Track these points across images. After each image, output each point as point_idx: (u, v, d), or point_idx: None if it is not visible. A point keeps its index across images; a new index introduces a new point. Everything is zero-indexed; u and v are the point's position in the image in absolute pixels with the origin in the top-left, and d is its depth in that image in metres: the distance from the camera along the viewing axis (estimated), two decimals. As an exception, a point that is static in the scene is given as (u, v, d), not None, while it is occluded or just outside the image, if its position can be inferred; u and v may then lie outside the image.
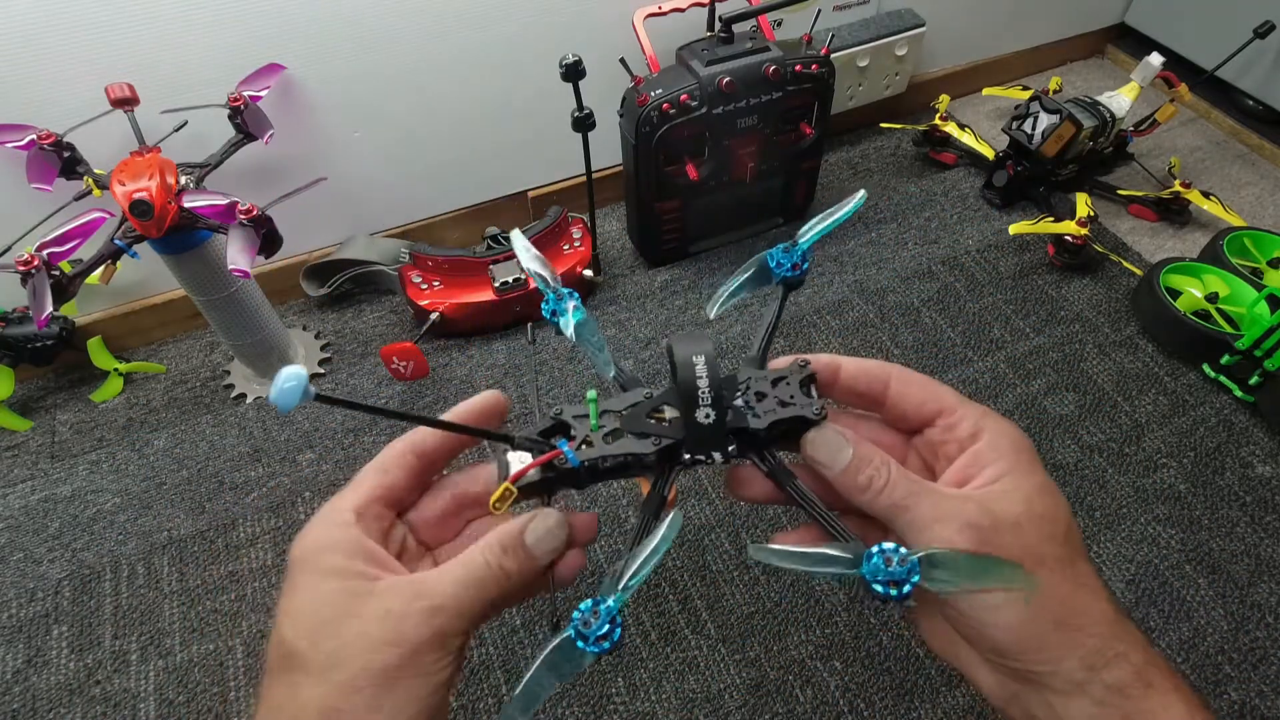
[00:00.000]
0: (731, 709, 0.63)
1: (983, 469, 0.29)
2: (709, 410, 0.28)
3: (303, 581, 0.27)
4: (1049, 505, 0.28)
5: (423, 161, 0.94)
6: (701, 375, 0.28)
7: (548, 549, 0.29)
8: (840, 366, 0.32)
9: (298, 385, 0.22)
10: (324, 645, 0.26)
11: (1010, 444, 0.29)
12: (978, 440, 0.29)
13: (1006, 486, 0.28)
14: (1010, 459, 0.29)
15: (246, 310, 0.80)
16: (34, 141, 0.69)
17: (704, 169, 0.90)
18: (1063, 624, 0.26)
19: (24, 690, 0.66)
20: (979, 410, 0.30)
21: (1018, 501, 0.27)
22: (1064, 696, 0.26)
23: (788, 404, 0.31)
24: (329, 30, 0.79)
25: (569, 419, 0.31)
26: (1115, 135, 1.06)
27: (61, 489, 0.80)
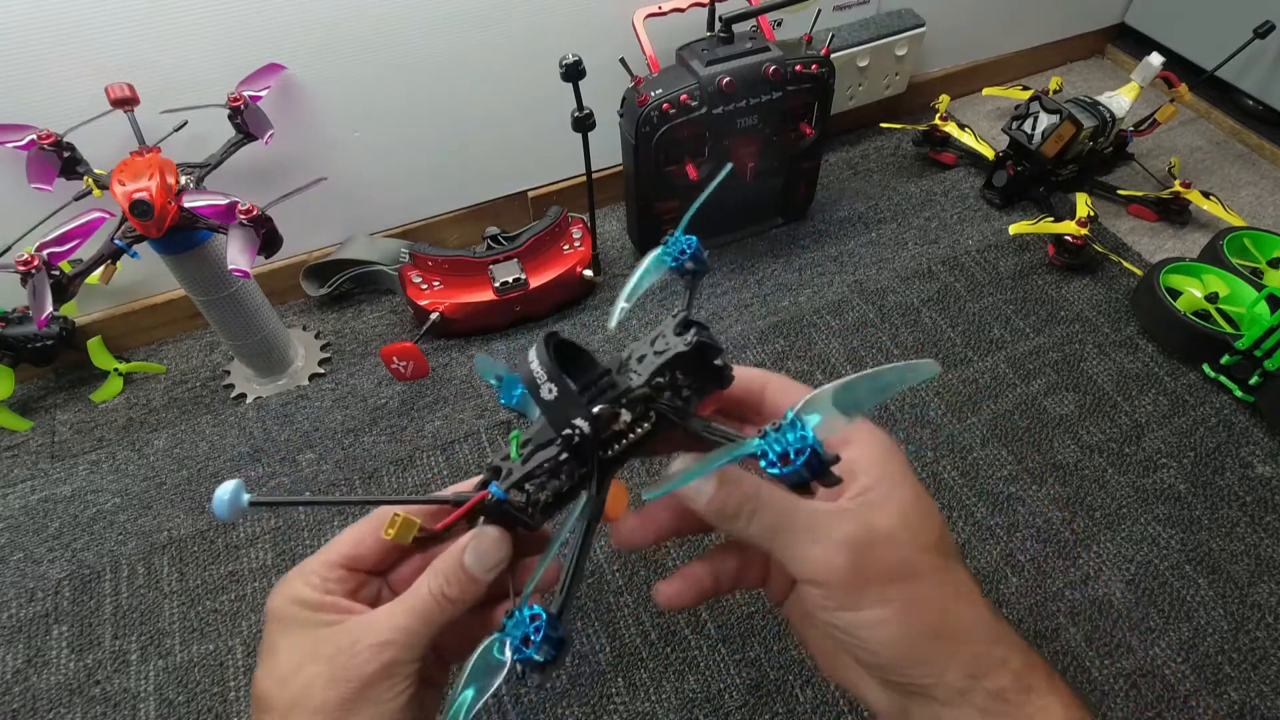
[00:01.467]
0: (731, 709, 0.63)
1: (854, 479, 0.28)
2: (550, 386, 0.28)
3: (274, 633, 0.30)
4: (921, 515, 0.28)
5: (423, 161, 0.94)
6: (533, 360, 0.28)
7: (488, 568, 0.30)
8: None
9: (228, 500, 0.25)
10: (288, 688, 0.28)
11: (880, 452, 0.29)
12: (847, 447, 0.29)
13: (878, 497, 0.28)
14: (880, 468, 0.29)
15: (246, 310, 0.80)
16: (34, 141, 0.69)
17: (704, 169, 0.90)
18: (942, 635, 0.27)
19: (24, 690, 0.66)
20: None
21: (892, 513, 0.27)
22: (949, 707, 0.27)
23: (660, 355, 0.30)
24: (329, 30, 0.79)
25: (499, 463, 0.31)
26: (1115, 135, 1.06)
27: (61, 489, 0.80)
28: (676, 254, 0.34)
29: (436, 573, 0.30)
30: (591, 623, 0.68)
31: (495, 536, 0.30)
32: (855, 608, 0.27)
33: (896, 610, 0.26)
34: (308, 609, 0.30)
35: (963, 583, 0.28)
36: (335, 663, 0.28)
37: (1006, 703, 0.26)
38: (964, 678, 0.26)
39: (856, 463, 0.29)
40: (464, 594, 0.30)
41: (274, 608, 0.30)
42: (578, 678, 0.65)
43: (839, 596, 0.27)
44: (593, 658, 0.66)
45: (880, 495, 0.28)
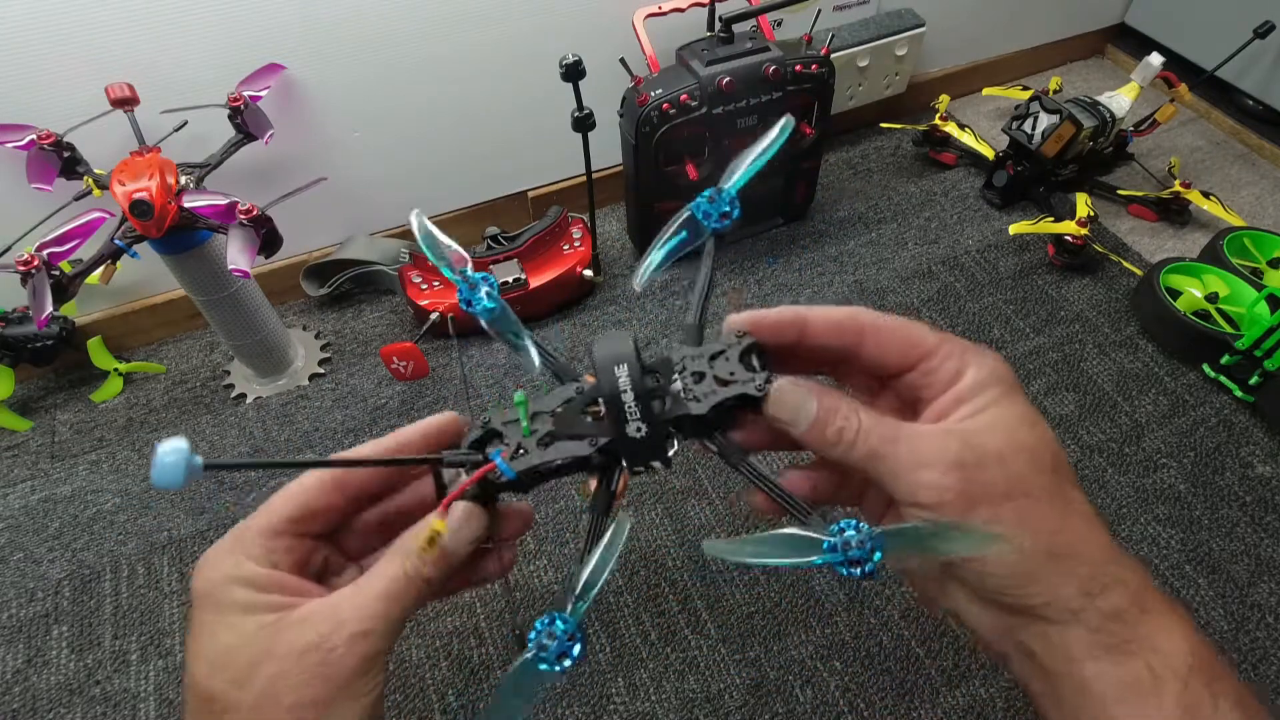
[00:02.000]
0: (731, 709, 0.63)
1: (964, 403, 0.28)
2: (639, 425, 0.26)
3: (213, 620, 0.26)
4: (1033, 435, 0.27)
5: (423, 161, 0.94)
6: (625, 388, 0.26)
7: (464, 543, 0.28)
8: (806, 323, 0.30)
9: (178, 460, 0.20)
10: (247, 688, 0.25)
11: (992, 376, 0.28)
12: (961, 378, 0.28)
13: (989, 419, 0.27)
14: (992, 392, 0.28)
15: (246, 310, 0.80)
16: (34, 141, 0.69)
17: (704, 169, 0.90)
18: (1055, 554, 0.26)
19: (24, 690, 0.66)
20: (960, 347, 0.29)
21: (1000, 433, 0.27)
22: (1060, 626, 0.26)
23: (728, 381, 0.28)
24: (329, 30, 0.79)
25: (499, 426, 0.29)
26: (1115, 135, 1.06)
27: (61, 489, 0.80)
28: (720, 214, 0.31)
29: (410, 552, 0.27)
30: (591, 623, 0.68)
31: (468, 510, 0.28)
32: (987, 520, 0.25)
33: (1009, 529, 0.25)
34: (251, 589, 0.26)
35: (1078, 503, 0.27)
36: (307, 659, 0.25)
37: (1122, 622, 0.25)
38: (1078, 595, 0.25)
39: (967, 387, 0.28)
40: (441, 573, 0.28)
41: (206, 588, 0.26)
42: (578, 678, 0.65)
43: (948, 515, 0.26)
44: (593, 658, 0.66)
45: (990, 416, 0.27)
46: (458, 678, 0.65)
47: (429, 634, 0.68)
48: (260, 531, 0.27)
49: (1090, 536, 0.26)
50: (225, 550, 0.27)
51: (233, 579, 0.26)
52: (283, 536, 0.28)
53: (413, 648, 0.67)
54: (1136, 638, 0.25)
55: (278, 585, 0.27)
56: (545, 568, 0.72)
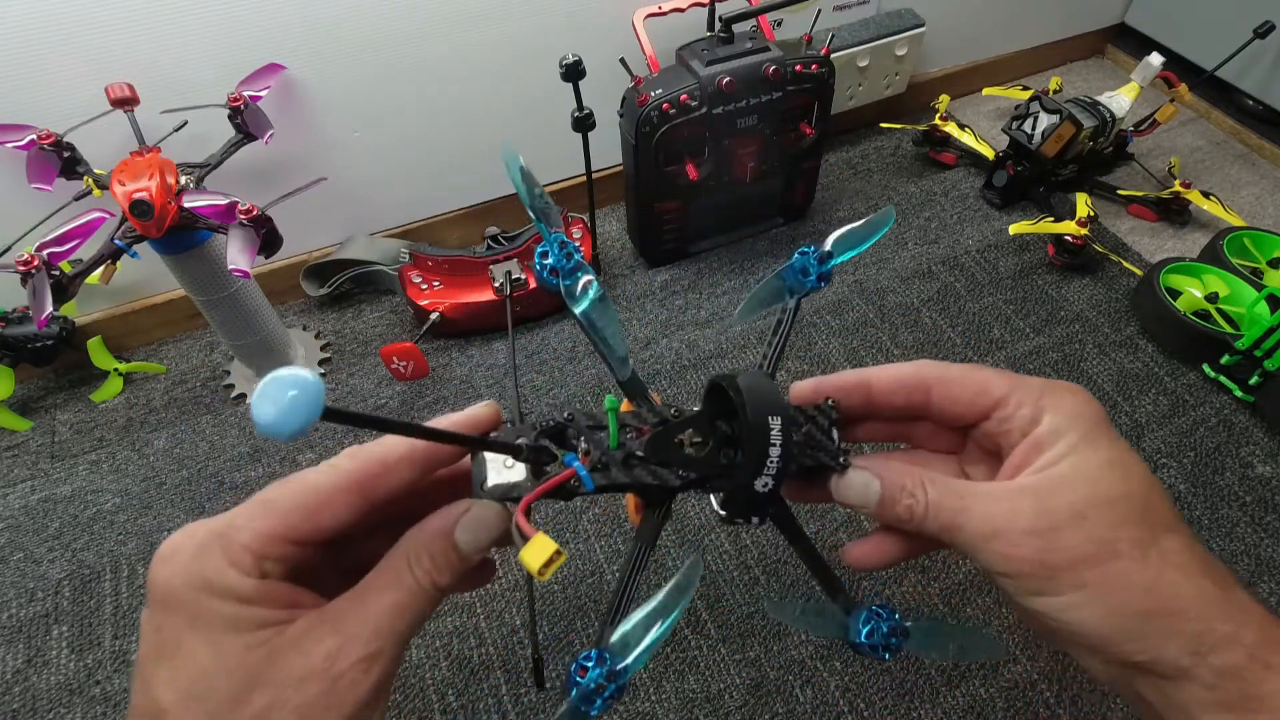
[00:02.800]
0: (731, 709, 0.63)
1: (1042, 452, 0.26)
2: (768, 480, 0.26)
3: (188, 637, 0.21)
4: (1118, 483, 0.25)
5: (423, 161, 0.94)
6: (776, 444, 0.25)
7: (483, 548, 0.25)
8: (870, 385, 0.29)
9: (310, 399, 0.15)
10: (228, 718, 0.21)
11: (1070, 419, 0.26)
12: (1039, 424, 0.27)
13: (1068, 470, 0.25)
14: (1072, 437, 0.26)
15: (246, 310, 0.80)
16: (34, 141, 0.69)
17: (704, 169, 0.90)
18: (1152, 613, 0.24)
19: (24, 690, 0.66)
20: (1037, 388, 0.27)
21: (1080, 486, 0.25)
22: (1172, 682, 0.24)
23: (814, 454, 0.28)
24: (329, 30, 0.79)
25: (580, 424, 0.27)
26: (1115, 135, 1.06)
27: (61, 489, 0.80)
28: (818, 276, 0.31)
29: (421, 557, 0.24)
30: (591, 623, 0.68)
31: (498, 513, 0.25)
32: (1049, 594, 0.25)
33: (1095, 593, 0.24)
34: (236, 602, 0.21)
35: (1176, 553, 0.25)
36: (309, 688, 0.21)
37: (1241, 679, 0.24)
38: (1186, 654, 0.24)
39: (1044, 434, 0.26)
40: (455, 578, 0.24)
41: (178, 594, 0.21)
42: (578, 678, 0.65)
43: (1030, 585, 0.25)
44: (593, 658, 0.66)
45: (1068, 466, 0.25)
46: (458, 678, 0.65)
47: (429, 634, 0.68)
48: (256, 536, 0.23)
49: (1191, 590, 0.24)
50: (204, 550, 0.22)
51: (214, 588, 0.22)
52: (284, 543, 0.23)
53: (413, 648, 0.67)
54: (1260, 695, 0.24)
55: (268, 597, 0.22)
56: (545, 568, 0.72)
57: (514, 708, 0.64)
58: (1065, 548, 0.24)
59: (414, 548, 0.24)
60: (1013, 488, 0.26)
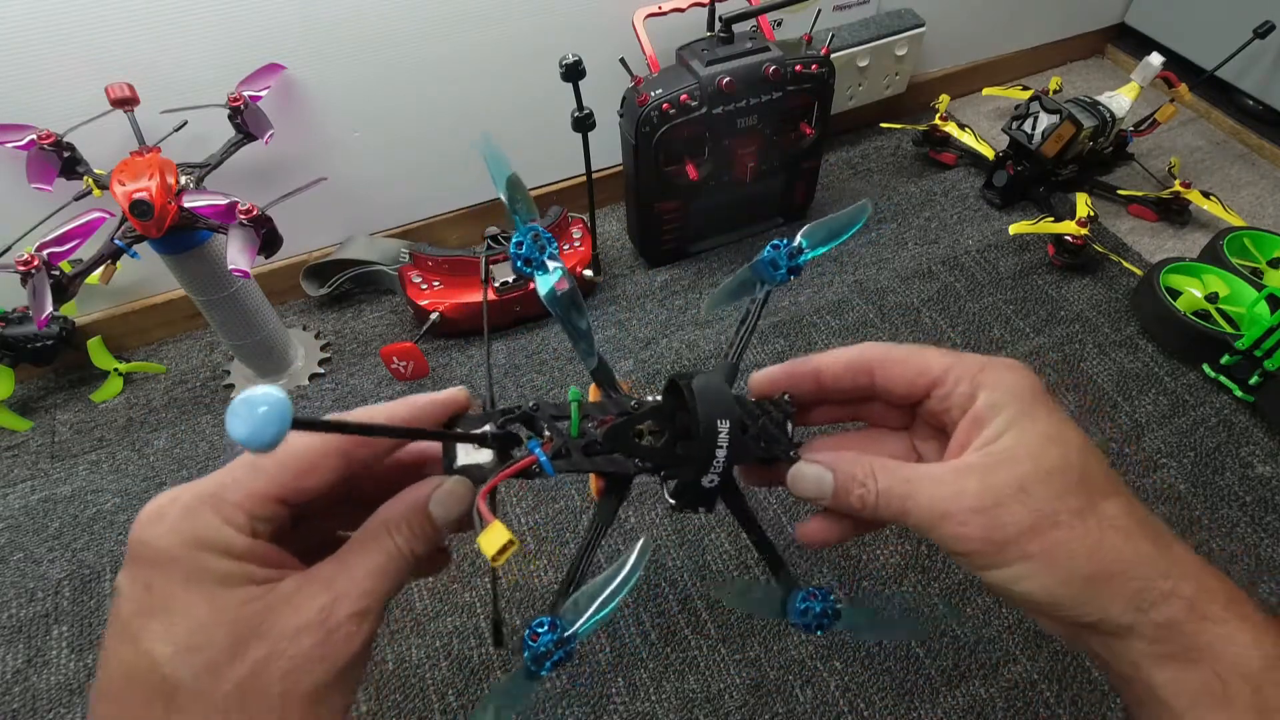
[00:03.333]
0: (731, 709, 0.63)
1: (982, 428, 0.27)
2: (714, 478, 0.28)
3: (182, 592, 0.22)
4: (1056, 455, 0.26)
5: (423, 161, 0.94)
6: (723, 445, 0.27)
7: (454, 520, 0.27)
8: (819, 372, 0.31)
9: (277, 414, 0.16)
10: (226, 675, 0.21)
11: (1007, 394, 0.27)
12: (975, 400, 0.28)
13: (1008, 444, 0.26)
14: (1010, 411, 0.27)
15: (246, 310, 0.80)
16: (34, 141, 0.69)
17: (704, 169, 0.90)
18: (1095, 577, 0.25)
19: (24, 690, 0.66)
20: (974, 364, 0.28)
21: (1020, 461, 0.26)
22: (1119, 639, 0.26)
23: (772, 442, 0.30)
24: (329, 30, 0.79)
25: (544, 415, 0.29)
26: (1115, 135, 1.06)
27: (61, 489, 0.80)
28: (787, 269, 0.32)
29: (400, 523, 0.25)
30: (591, 623, 0.68)
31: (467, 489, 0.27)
32: (998, 566, 0.26)
33: (1040, 563, 0.25)
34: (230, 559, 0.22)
35: (1114, 517, 0.26)
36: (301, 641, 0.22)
37: (1180, 632, 0.25)
38: (1129, 612, 0.25)
39: (982, 410, 0.27)
40: (429, 548, 0.26)
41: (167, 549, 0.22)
42: (578, 677, 0.65)
43: (981, 561, 0.26)
44: (593, 658, 0.66)
45: (1007, 444, 0.26)
46: (458, 678, 0.65)
47: (429, 634, 0.68)
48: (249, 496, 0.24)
49: (1130, 552, 0.26)
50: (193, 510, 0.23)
51: (209, 545, 0.22)
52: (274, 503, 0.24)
53: (413, 648, 0.67)
54: (1198, 646, 0.25)
55: (259, 556, 0.23)
56: (545, 568, 0.72)
57: (514, 708, 0.64)
58: (1009, 523, 0.25)
59: (393, 517, 0.25)
60: (958, 466, 0.27)
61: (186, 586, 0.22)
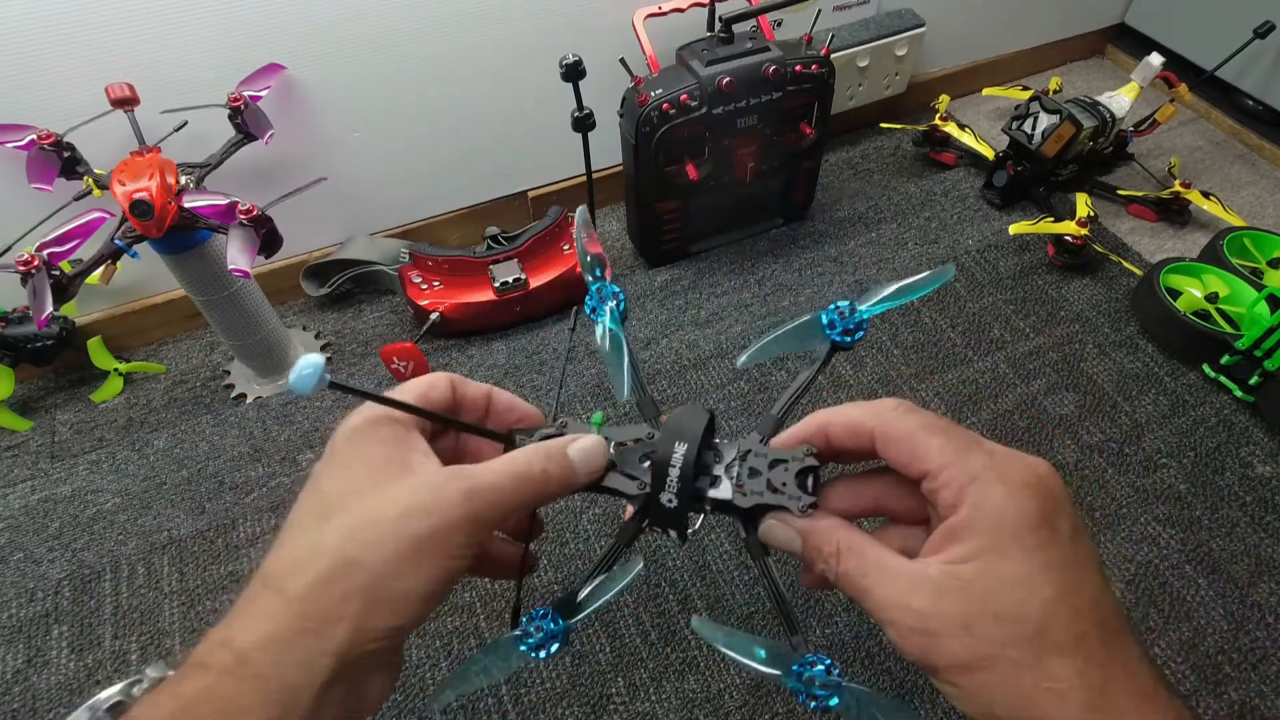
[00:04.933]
0: (731, 709, 0.63)
1: (955, 544, 0.26)
2: (671, 497, 0.30)
3: (350, 450, 0.28)
4: (1014, 604, 0.25)
5: (423, 161, 0.94)
6: (676, 464, 0.29)
7: (589, 468, 0.30)
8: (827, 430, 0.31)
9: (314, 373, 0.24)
10: (362, 500, 0.27)
11: (989, 518, 0.25)
12: (957, 512, 0.26)
13: (967, 574, 0.25)
14: (983, 539, 0.25)
15: (246, 310, 0.80)
16: (34, 141, 0.69)
17: (704, 169, 0.90)
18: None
19: (24, 690, 0.66)
20: (967, 473, 0.26)
21: (974, 597, 0.25)
22: None
23: (778, 491, 0.30)
24: (329, 30, 0.79)
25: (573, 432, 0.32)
26: (1115, 135, 1.06)
27: (61, 489, 0.80)
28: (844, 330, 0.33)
29: (538, 451, 0.29)
30: (591, 622, 0.68)
31: (600, 442, 0.31)
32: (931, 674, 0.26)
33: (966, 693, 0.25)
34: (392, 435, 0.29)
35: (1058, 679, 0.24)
36: (419, 494, 0.26)
37: None
38: None
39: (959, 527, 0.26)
40: (561, 479, 0.29)
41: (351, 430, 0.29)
42: (578, 677, 0.65)
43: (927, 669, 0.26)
44: (593, 658, 0.66)
45: (968, 574, 0.25)
46: (458, 675, 0.65)
47: (429, 634, 0.68)
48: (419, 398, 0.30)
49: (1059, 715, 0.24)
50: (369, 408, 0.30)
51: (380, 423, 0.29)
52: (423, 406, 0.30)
53: (413, 648, 0.67)
54: None
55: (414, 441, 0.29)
56: (545, 567, 0.72)
57: (514, 708, 0.64)
58: (944, 653, 0.25)
59: (534, 447, 0.30)
60: (916, 576, 0.26)
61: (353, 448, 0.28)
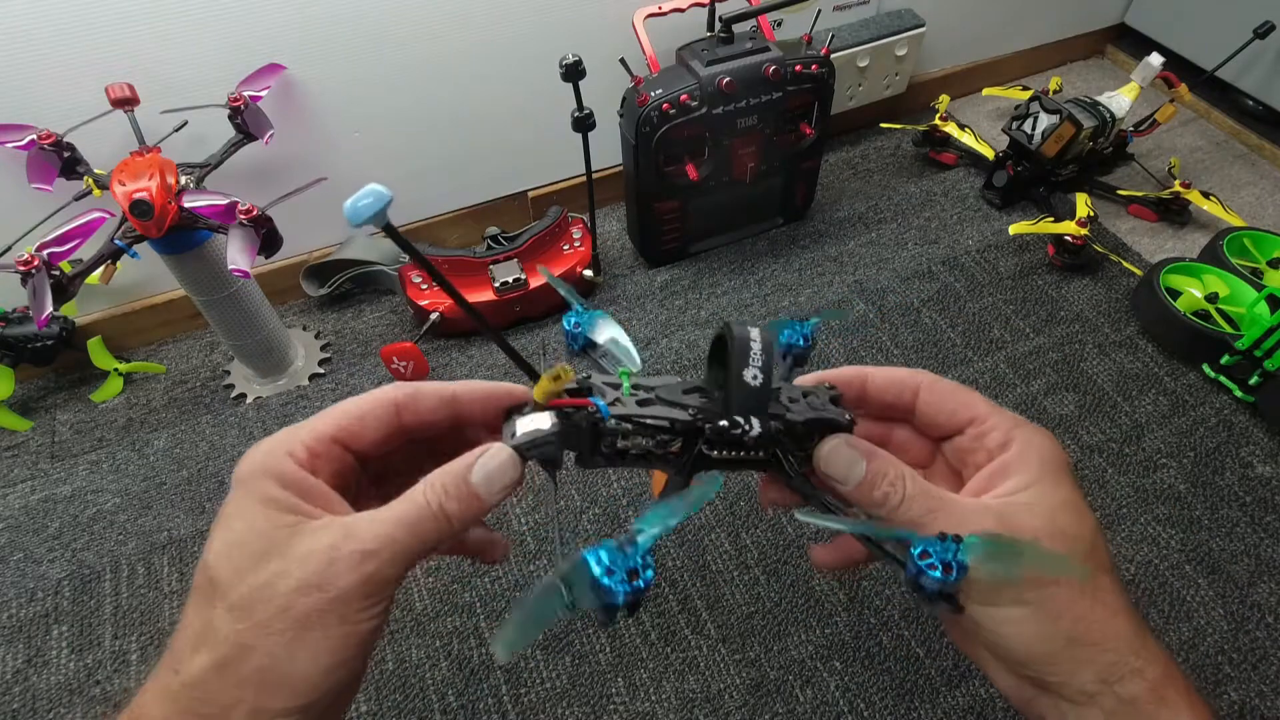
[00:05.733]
0: (731, 709, 0.63)
1: (1007, 479, 0.28)
2: (757, 372, 0.27)
3: (236, 508, 0.26)
4: (1072, 522, 0.27)
5: (423, 161, 0.94)
6: (756, 340, 0.27)
7: (496, 489, 0.27)
8: (867, 378, 0.32)
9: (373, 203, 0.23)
10: (246, 579, 0.25)
11: (1039, 456, 0.29)
12: (1007, 450, 0.29)
13: (1029, 499, 0.27)
14: (1036, 470, 0.28)
15: (246, 310, 0.80)
16: (34, 141, 0.69)
17: (704, 169, 0.90)
18: (1077, 640, 0.26)
19: (24, 690, 0.66)
20: (1011, 419, 0.30)
21: (1039, 515, 0.27)
22: (1077, 706, 0.27)
23: (819, 410, 0.30)
24: (329, 30, 0.79)
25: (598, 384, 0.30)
26: (1115, 135, 1.06)
27: (61, 489, 0.80)
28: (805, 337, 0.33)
29: (435, 485, 0.27)
30: (591, 622, 0.68)
31: (509, 457, 0.28)
32: (991, 604, 0.27)
33: (1032, 612, 0.26)
34: (285, 488, 0.26)
35: (1106, 591, 0.27)
36: (307, 566, 0.24)
37: (1136, 710, 0.26)
38: (1096, 682, 0.26)
39: (1012, 464, 0.29)
40: (464, 512, 0.27)
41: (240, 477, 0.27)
42: (578, 678, 0.65)
43: (976, 593, 0.26)
44: (593, 658, 0.66)
45: (1030, 497, 0.28)
46: (458, 678, 0.65)
47: (429, 634, 0.68)
48: (310, 433, 0.28)
49: (1115, 626, 0.27)
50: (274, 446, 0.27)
51: (266, 470, 0.26)
52: (330, 442, 0.28)
53: (413, 648, 0.67)
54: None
55: (306, 488, 0.27)
56: (545, 567, 0.72)
57: (514, 708, 0.64)
58: None
59: (433, 477, 0.27)
60: (979, 504, 0.28)
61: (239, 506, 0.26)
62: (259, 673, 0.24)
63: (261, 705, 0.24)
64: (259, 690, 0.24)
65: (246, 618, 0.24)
